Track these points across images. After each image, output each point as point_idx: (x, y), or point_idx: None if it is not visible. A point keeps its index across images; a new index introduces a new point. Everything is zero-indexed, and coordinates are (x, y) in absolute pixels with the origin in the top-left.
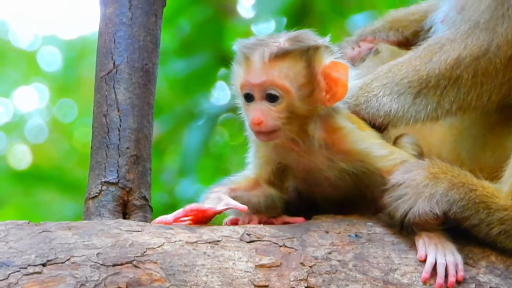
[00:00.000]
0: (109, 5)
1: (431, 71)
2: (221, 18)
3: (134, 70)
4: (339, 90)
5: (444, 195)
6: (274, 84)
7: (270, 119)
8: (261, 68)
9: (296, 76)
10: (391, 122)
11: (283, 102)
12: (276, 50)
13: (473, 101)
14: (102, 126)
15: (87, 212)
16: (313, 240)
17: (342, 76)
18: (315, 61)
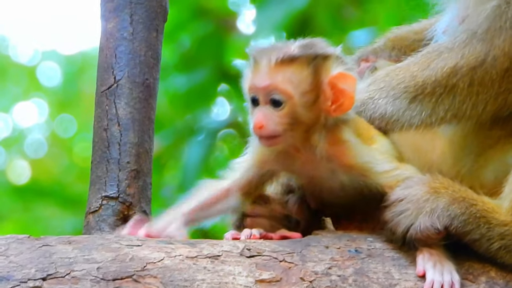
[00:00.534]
0: (110, 20)
1: (427, 78)
2: (222, 33)
3: (135, 85)
4: (345, 102)
5: (445, 210)
6: (277, 89)
7: (272, 123)
8: (267, 72)
9: (300, 83)
10: (386, 125)
11: (286, 107)
12: (283, 55)
13: (468, 110)
14: (102, 141)
15: (87, 227)
16: (313, 255)
17: (349, 88)
18: (322, 70)
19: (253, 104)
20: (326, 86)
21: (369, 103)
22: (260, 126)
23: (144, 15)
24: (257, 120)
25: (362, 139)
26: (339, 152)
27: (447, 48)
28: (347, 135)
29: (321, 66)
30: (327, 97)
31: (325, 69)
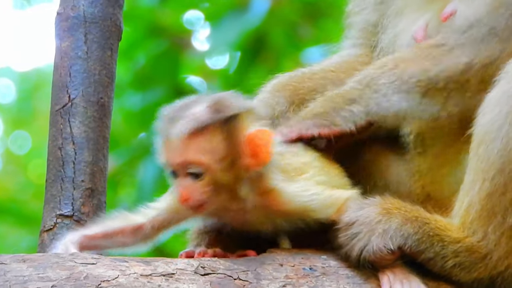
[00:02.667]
0: (64, 39)
1: (440, 73)
2: (176, 51)
3: (89, 104)
4: (263, 156)
5: (398, 230)
6: (192, 163)
7: (196, 194)
8: (178, 148)
9: (216, 150)
10: (400, 122)
11: (206, 177)
12: (192, 127)
13: (475, 106)
14: (57, 160)
15: (42, 245)
16: (268, 273)
17: (266, 143)
18: (236, 129)
19: (173, 176)
20: (243, 144)
21: (383, 101)
22: (185, 199)
23: (99, 34)
24: (180, 194)
25: (290, 175)
26: (270, 201)
27: (459, 44)
28: (273, 182)
29: (235, 127)
30: (246, 155)
31: (239, 128)
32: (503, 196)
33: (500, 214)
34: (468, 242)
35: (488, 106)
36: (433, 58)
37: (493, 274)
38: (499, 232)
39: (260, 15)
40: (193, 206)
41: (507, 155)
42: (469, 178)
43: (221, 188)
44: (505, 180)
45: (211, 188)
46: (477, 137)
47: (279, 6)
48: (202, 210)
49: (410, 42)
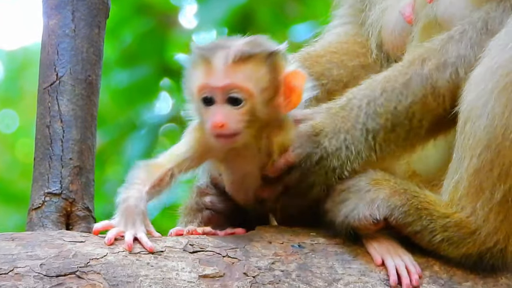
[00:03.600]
0: (52, 16)
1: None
2: (163, 29)
3: (77, 81)
4: (295, 99)
5: (386, 200)
6: (238, 87)
7: (233, 121)
8: (224, 71)
9: (260, 80)
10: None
11: (246, 105)
12: (240, 53)
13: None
14: (45, 138)
15: (30, 223)
16: (256, 250)
17: (300, 85)
18: (277, 66)
19: (206, 104)
20: (281, 83)
21: (449, 47)
22: (221, 125)
23: (86, 12)
24: (217, 119)
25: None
26: (277, 143)
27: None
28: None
29: (276, 62)
30: (281, 94)
31: (280, 66)
32: (490, 172)
33: (488, 190)
34: (456, 217)
35: (473, 84)
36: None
37: (482, 250)
38: (487, 208)
39: None
40: (227, 134)
41: (493, 132)
42: (457, 155)
43: (255, 122)
44: (492, 156)
45: (248, 118)
46: (463, 115)
47: None
48: (233, 142)
49: (398, 18)
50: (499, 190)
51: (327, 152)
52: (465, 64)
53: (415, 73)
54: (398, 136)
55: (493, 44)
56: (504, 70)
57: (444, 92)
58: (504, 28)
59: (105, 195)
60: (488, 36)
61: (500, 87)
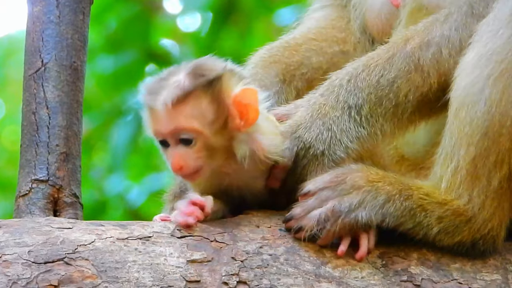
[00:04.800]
0: (36, 3)
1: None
2: (148, 14)
3: (62, 68)
4: (252, 115)
5: (380, 207)
6: (183, 129)
7: (190, 161)
8: (166, 116)
9: (204, 114)
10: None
11: (198, 142)
12: (176, 94)
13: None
14: (31, 124)
15: (17, 210)
16: (244, 234)
17: (252, 101)
18: (221, 92)
19: (163, 146)
20: (231, 106)
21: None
22: (179, 168)
23: None
24: (174, 162)
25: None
26: (259, 150)
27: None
28: (257, 135)
29: (219, 88)
30: (234, 116)
31: (224, 90)
32: (486, 159)
33: (484, 177)
34: (455, 205)
35: (465, 69)
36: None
37: (476, 237)
38: (483, 195)
39: None
40: (188, 174)
41: (491, 119)
42: (451, 141)
43: (215, 151)
44: (489, 144)
45: (204, 153)
46: (456, 100)
47: None
48: (198, 176)
49: (384, 1)
50: (495, 177)
51: (308, 141)
52: (449, 45)
53: (397, 51)
54: (386, 110)
55: (483, 30)
56: (499, 56)
57: (429, 69)
58: (491, 13)
59: (92, 182)
60: (474, 19)
61: (496, 73)
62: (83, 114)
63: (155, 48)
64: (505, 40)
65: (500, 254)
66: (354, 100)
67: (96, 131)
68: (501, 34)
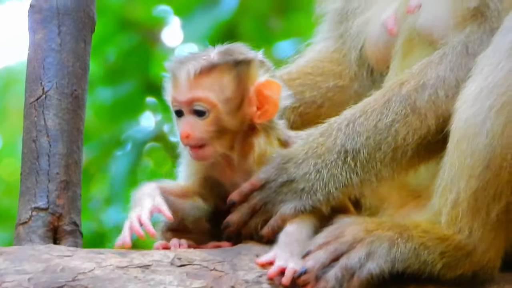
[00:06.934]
0: (38, 31)
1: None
2: (147, 45)
3: (63, 96)
4: (270, 108)
5: (387, 255)
6: (199, 100)
7: (198, 132)
8: (186, 85)
9: (222, 90)
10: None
11: (210, 115)
12: (201, 65)
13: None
14: (31, 152)
15: (17, 238)
16: (244, 263)
17: (274, 95)
18: (246, 75)
19: (178, 116)
20: (251, 93)
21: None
22: (186, 136)
23: (72, 25)
24: (183, 130)
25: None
26: (250, 155)
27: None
28: (257, 140)
29: (245, 72)
30: (252, 103)
31: (249, 75)
32: (487, 192)
33: (483, 210)
34: (456, 240)
35: (467, 102)
36: (418, 111)
37: (476, 269)
38: (482, 228)
39: (231, 8)
40: (194, 145)
41: (493, 151)
42: (451, 173)
43: (223, 131)
44: (490, 176)
45: (214, 128)
46: (458, 132)
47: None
48: (202, 154)
49: (381, 30)
50: (493, 210)
51: (293, 176)
52: (445, 86)
53: (393, 95)
54: (385, 155)
55: (484, 63)
56: (500, 89)
57: (426, 111)
58: (491, 46)
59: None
60: (469, 58)
61: (498, 106)
62: (84, 143)
63: (154, 79)
64: (506, 72)
65: (498, 284)
66: (352, 144)
67: (95, 161)
68: (502, 67)
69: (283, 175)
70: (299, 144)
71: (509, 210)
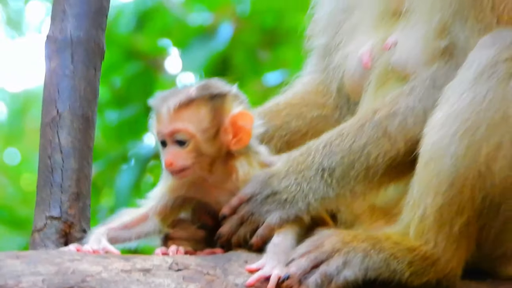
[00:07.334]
0: (53, 59)
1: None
2: (150, 73)
3: (75, 117)
4: (244, 137)
5: (360, 264)
6: (179, 131)
7: (180, 160)
8: (167, 119)
9: (200, 121)
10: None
11: (190, 144)
12: (180, 100)
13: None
14: (46, 167)
15: (33, 244)
16: (234, 268)
17: (247, 125)
18: (221, 108)
19: (162, 146)
20: (227, 123)
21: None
22: (170, 164)
23: (84, 55)
24: (167, 159)
25: (253, 164)
26: (233, 180)
27: (409, 108)
28: (241, 163)
29: (220, 104)
30: (227, 132)
31: (224, 107)
32: (450, 207)
33: (447, 224)
34: (423, 250)
35: (434, 127)
36: (389, 135)
37: (440, 276)
38: (446, 240)
39: (225, 41)
40: (176, 170)
41: (456, 171)
42: (419, 191)
43: (203, 157)
44: (454, 194)
45: (194, 155)
46: (426, 154)
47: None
48: (184, 175)
49: (358, 64)
50: (456, 224)
51: (276, 189)
52: (414, 114)
53: (367, 121)
54: (358, 173)
55: (450, 92)
56: (464, 116)
57: (396, 136)
58: (456, 78)
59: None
60: (436, 90)
61: (461, 131)
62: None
63: None
64: (469, 102)
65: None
66: (328, 163)
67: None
68: (465, 97)
69: (267, 188)
70: (281, 163)
71: (470, 224)
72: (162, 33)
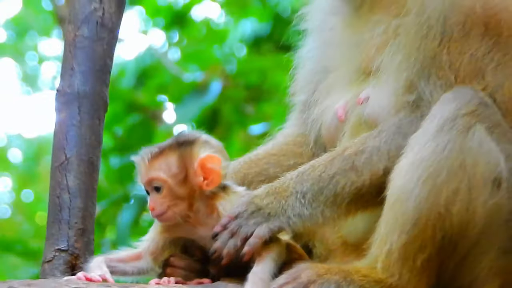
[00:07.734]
0: (62, 111)
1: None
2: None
3: (81, 162)
4: (215, 178)
5: None
6: (153, 179)
7: (159, 204)
8: (144, 169)
9: (170, 167)
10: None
11: (164, 189)
12: (151, 152)
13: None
14: (56, 206)
15: (43, 273)
16: None
17: (216, 166)
18: (189, 153)
19: (148, 194)
20: (196, 166)
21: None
22: (152, 209)
23: (89, 107)
24: (149, 205)
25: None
26: (215, 217)
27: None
28: (220, 201)
29: (188, 150)
30: (197, 175)
31: (192, 153)
32: (413, 244)
33: (411, 258)
34: (388, 282)
35: (400, 172)
36: (356, 169)
37: None
38: (410, 273)
39: (214, 96)
40: (157, 214)
41: (419, 212)
42: (386, 229)
43: (178, 200)
44: (417, 232)
45: (169, 199)
46: (392, 197)
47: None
48: (165, 219)
49: (333, 117)
50: (419, 259)
51: (260, 206)
52: (379, 153)
53: (337, 156)
54: (327, 198)
55: (415, 142)
56: (427, 163)
57: (362, 169)
58: (420, 129)
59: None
60: (400, 135)
61: (424, 177)
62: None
63: None
64: (431, 151)
65: None
66: (300, 187)
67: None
68: (428, 146)
69: (251, 205)
70: (261, 189)
71: (431, 259)
72: (160, 89)
